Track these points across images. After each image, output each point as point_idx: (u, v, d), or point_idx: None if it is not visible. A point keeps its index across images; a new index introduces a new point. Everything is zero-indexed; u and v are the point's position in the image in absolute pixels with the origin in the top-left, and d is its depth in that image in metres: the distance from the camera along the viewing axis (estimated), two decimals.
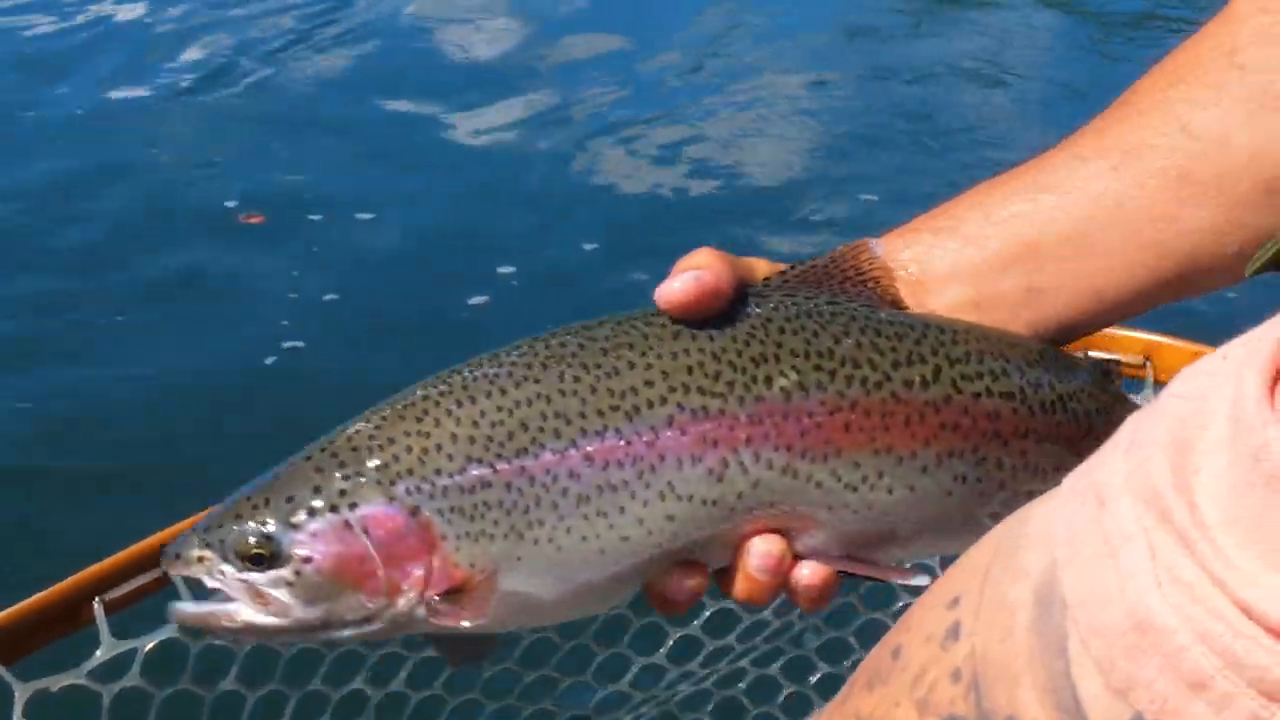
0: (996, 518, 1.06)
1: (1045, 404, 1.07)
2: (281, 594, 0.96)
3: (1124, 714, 0.58)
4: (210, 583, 0.98)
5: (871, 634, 1.73)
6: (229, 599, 0.98)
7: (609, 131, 5.34)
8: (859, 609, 1.72)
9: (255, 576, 0.96)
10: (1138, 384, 1.50)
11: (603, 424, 0.98)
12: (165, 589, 1.29)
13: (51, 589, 1.25)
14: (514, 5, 6.59)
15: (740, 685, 1.78)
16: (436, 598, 0.97)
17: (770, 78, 5.80)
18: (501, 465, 0.97)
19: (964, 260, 1.09)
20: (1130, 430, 0.63)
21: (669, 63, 5.99)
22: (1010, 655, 0.63)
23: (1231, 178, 1.04)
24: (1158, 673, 0.56)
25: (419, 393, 1.00)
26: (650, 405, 0.99)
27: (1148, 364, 1.51)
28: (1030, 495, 1.09)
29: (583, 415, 0.98)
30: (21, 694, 1.21)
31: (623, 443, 0.98)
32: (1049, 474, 1.06)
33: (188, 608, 1.00)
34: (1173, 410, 0.61)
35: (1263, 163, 1.04)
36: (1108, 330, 1.52)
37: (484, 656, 1.09)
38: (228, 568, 0.97)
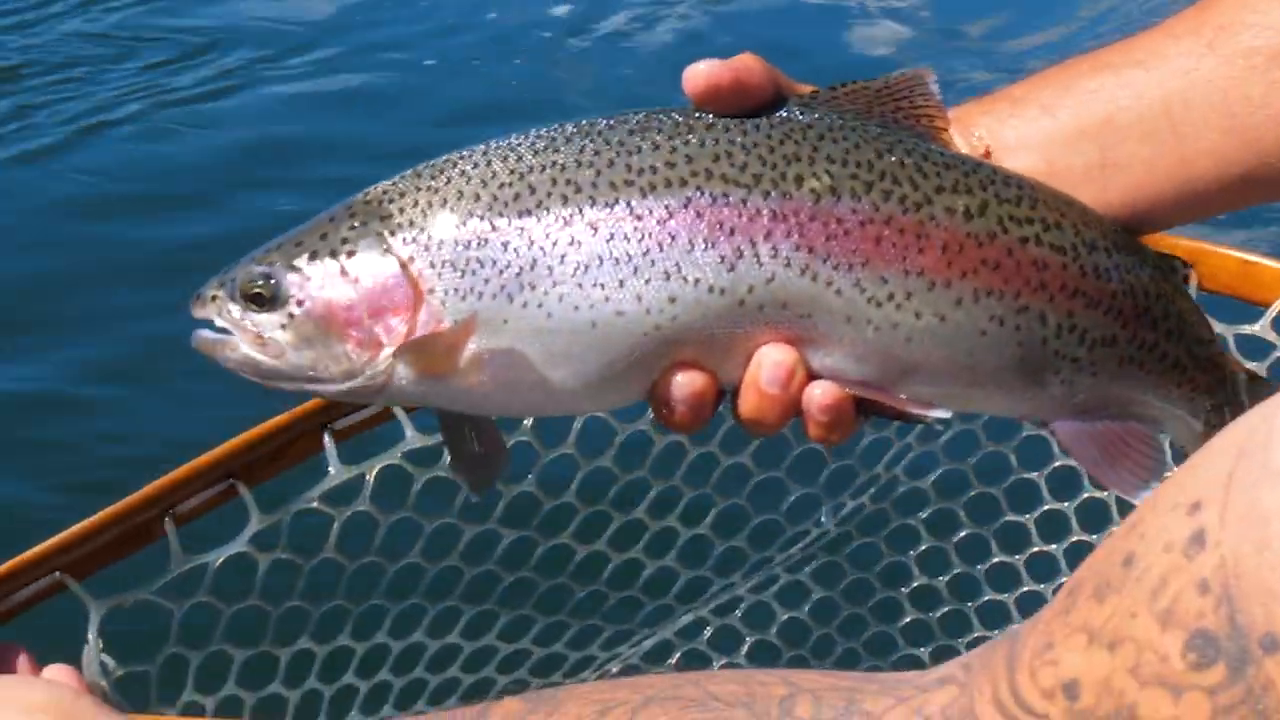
0: (1032, 380, 1.01)
1: (1100, 270, 1.02)
2: (277, 335, 0.98)
3: None
4: (219, 322, 0.99)
5: None
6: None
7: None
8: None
9: (255, 317, 0.98)
10: None
11: (614, 196, 0.95)
12: (233, 500, 1.27)
13: (120, 503, 1.20)
14: None
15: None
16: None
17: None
18: (501, 223, 0.95)
19: (1038, 130, 1.04)
20: None
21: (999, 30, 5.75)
22: (1268, 567, 0.59)
23: None
24: None
25: (445, 156, 0.99)
26: (668, 184, 0.95)
27: (1190, 271, 1.51)
28: (1075, 363, 1.04)
29: (594, 185, 0.95)
30: (96, 611, 1.18)
31: (632, 216, 0.95)
32: (1097, 345, 1.02)
33: (204, 333, 1.00)
34: None
35: None
36: (1154, 235, 1.52)
37: (496, 473, 1.05)
38: (234, 307, 0.98)
